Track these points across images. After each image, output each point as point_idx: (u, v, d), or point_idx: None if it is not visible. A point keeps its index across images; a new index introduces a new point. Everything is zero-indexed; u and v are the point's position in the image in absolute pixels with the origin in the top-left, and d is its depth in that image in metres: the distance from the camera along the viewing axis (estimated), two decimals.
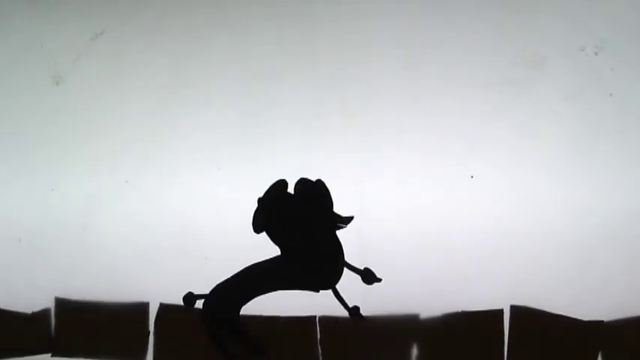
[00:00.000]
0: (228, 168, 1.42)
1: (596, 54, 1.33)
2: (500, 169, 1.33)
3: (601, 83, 1.32)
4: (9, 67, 1.53)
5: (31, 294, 1.46)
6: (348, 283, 1.36)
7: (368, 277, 1.35)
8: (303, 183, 1.38)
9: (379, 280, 1.34)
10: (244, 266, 1.39)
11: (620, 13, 1.33)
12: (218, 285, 1.40)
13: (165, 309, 1.42)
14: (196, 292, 1.41)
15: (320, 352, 1.37)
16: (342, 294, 1.36)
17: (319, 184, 1.38)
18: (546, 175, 1.31)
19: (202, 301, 1.41)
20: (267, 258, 1.39)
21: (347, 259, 1.36)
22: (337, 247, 1.37)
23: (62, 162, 1.48)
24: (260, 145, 1.41)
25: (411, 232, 1.34)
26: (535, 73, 1.34)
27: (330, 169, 1.38)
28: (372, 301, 1.35)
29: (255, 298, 1.39)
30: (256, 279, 1.39)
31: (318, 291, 1.37)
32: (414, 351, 1.34)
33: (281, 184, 1.38)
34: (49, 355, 1.46)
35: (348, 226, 1.36)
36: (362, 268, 1.35)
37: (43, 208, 1.47)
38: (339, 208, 1.37)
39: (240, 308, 1.39)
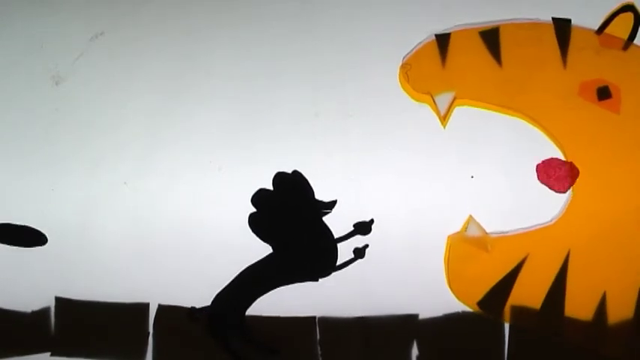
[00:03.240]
0: (228, 168, 1.42)
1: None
2: (500, 169, 1.33)
3: None
4: (9, 67, 1.53)
5: (30, 294, 1.46)
6: (347, 284, 1.36)
7: (359, 253, 1.34)
8: (279, 177, 1.38)
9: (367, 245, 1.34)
10: (244, 266, 1.39)
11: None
12: (218, 294, 1.39)
13: (164, 310, 1.42)
14: (196, 292, 1.40)
15: (320, 352, 1.37)
16: (341, 297, 1.36)
17: (296, 174, 1.38)
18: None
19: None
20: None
21: (346, 260, 1.37)
22: (326, 232, 1.36)
23: (62, 162, 1.47)
24: (260, 145, 1.41)
25: (411, 232, 1.34)
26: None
27: (330, 169, 1.38)
28: (372, 301, 1.35)
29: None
30: (254, 280, 1.39)
31: (317, 280, 1.36)
32: (414, 351, 1.34)
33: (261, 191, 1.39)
34: (49, 354, 1.46)
35: (349, 227, 1.36)
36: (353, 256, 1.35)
37: (43, 208, 1.47)
38: (339, 208, 1.37)
39: (245, 312, 1.39)
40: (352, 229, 1.36)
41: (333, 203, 1.36)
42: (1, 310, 1.46)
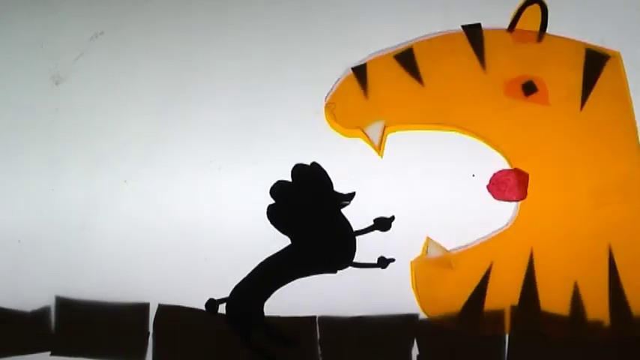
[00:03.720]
0: (228, 168, 1.42)
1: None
2: (500, 168, 1.33)
3: None
4: (9, 67, 1.53)
5: (30, 293, 1.46)
6: (347, 284, 1.36)
7: (383, 262, 1.34)
8: (298, 169, 1.38)
9: (393, 259, 1.34)
10: (244, 266, 1.38)
11: (619, 13, 1.33)
12: (238, 285, 1.39)
13: (163, 309, 1.42)
14: (196, 293, 1.41)
15: (320, 352, 1.37)
16: (341, 297, 1.36)
17: (314, 166, 1.37)
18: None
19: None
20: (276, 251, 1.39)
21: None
22: (345, 224, 1.36)
23: (62, 162, 1.48)
24: (260, 145, 1.41)
25: (412, 232, 1.34)
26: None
27: (330, 169, 1.38)
28: (372, 301, 1.35)
29: None
30: (274, 271, 1.38)
31: (335, 272, 1.36)
32: (414, 351, 1.34)
33: (280, 182, 1.39)
34: (49, 354, 1.46)
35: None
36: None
37: (43, 208, 1.47)
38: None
39: (264, 304, 1.39)
40: (372, 223, 1.35)
41: (351, 195, 1.36)
42: (1, 309, 1.47)
